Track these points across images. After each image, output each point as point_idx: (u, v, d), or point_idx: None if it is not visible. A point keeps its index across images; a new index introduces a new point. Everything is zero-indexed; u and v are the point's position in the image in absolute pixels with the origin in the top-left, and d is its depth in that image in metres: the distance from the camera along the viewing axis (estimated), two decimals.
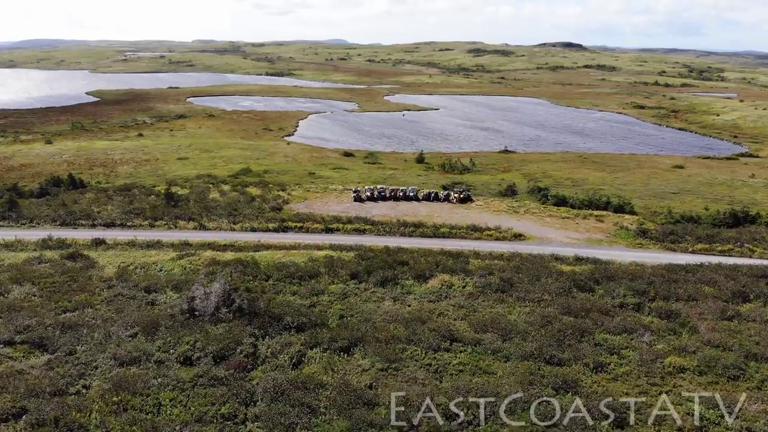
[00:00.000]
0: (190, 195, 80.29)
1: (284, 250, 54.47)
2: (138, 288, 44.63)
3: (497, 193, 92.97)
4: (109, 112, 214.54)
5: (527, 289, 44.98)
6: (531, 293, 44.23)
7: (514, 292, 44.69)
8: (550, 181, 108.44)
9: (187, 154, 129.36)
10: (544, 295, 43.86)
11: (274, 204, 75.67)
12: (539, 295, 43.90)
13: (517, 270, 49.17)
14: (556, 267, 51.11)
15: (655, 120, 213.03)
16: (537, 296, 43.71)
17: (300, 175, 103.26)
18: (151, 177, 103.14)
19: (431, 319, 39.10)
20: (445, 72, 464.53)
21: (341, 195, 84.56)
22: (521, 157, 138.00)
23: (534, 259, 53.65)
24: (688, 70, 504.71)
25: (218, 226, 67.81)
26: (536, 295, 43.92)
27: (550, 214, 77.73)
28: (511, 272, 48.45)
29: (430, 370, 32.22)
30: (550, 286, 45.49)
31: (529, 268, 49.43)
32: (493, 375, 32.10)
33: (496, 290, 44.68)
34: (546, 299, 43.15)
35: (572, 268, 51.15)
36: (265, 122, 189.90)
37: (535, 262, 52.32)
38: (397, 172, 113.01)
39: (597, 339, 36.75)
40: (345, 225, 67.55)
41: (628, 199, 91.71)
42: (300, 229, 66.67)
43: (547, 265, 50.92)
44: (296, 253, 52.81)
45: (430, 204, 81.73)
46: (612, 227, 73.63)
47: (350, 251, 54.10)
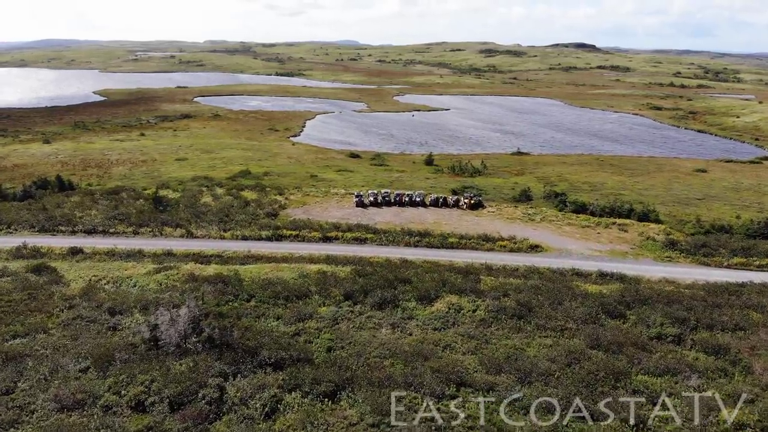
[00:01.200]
0: (181, 199, 74.91)
1: (274, 263, 48.81)
2: (101, 309, 39.13)
3: (510, 198, 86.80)
4: (114, 111, 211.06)
5: (548, 314, 38.92)
6: (552, 320, 38.18)
7: (532, 318, 38.62)
8: (566, 185, 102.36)
9: (187, 154, 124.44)
10: (567, 322, 37.80)
11: (270, 209, 70.07)
12: (562, 322, 37.84)
13: (536, 291, 43.01)
14: (580, 287, 44.91)
15: (672, 122, 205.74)
16: (560, 324, 37.66)
17: (301, 178, 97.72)
18: (145, 179, 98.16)
19: (435, 354, 33.16)
20: (456, 72, 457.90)
21: (343, 199, 78.78)
22: (535, 160, 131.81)
23: (554, 277, 47.53)
24: (704, 71, 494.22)
25: (207, 233, 62.34)
26: (559, 322, 37.87)
27: (569, 223, 71.45)
28: (528, 293, 42.33)
29: (433, 429, 26.11)
30: (575, 311, 39.36)
31: (550, 289, 43.28)
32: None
33: (511, 316, 38.59)
34: (570, 328, 37.08)
35: (598, 288, 44.94)
36: (271, 122, 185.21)
37: (556, 281, 46.18)
38: (404, 174, 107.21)
39: (634, 383, 30.53)
40: (344, 233, 61.76)
41: (651, 205, 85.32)
42: (295, 238, 60.98)
43: (569, 285, 44.73)
44: (286, 268, 47.09)
45: (437, 210, 75.72)
46: (637, 237, 67.27)
47: (347, 265, 48.33)
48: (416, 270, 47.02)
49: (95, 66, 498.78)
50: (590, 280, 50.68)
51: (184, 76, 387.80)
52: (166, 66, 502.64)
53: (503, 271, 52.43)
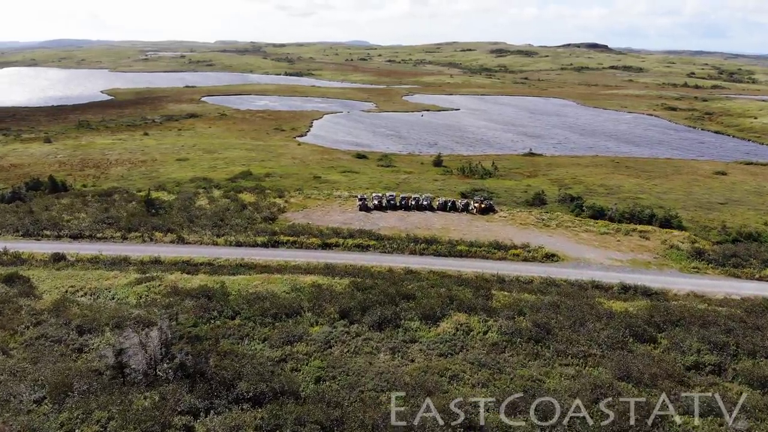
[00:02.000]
0: (175, 202, 71.10)
1: (265, 274, 44.71)
2: (70, 327, 35.23)
3: (523, 202, 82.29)
4: (120, 111, 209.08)
5: (569, 337, 34.44)
6: (574, 344, 33.70)
7: (551, 342, 34.13)
8: (581, 188, 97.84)
9: (189, 154, 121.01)
10: (591, 347, 33.32)
11: (268, 213, 66.03)
12: (585, 347, 33.35)
13: (555, 309, 38.51)
14: (604, 304, 40.36)
15: (688, 122, 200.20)
16: (582, 349, 33.15)
17: (304, 179, 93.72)
18: (143, 180, 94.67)
19: (440, 388, 28.73)
20: (467, 72, 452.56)
21: (346, 203, 74.62)
22: (548, 161, 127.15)
23: (573, 292, 43.08)
24: (718, 72, 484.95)
25: (199, 239, 58.43)
26: (581, 347, 33.38)
27: (587, 229, 66.80)
28: (546, 312, 37.84)
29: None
30: (599, 333, 34.87)
31: (570, 307, 38.74)
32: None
33: (528, 339, 34.12)
34: (594, 354, 32.60)
35: (624, 306, 40.39)
36: (278, 122, 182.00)
37: (576, 297, 41.65)
38: (411, 176, 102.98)
39: (673, 426, 25.99)
40: (345, 240, 57.59)
41: (672, 209, 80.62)
42: (293, 245, 56.90)
43: (591, 302, 40.14)
44: (278, 279, 42.99)
45: (446, 215, 71.31)
46: (660, 246, 62.55)
47: (345, 277, 44.10)
48: (421, 283, 42.68)
49: (105, 66, 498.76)
50: (612, 294, 46.22)
51: (194, 76, 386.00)
52: (176, 66, 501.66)
53: (516, 284, 48.06)
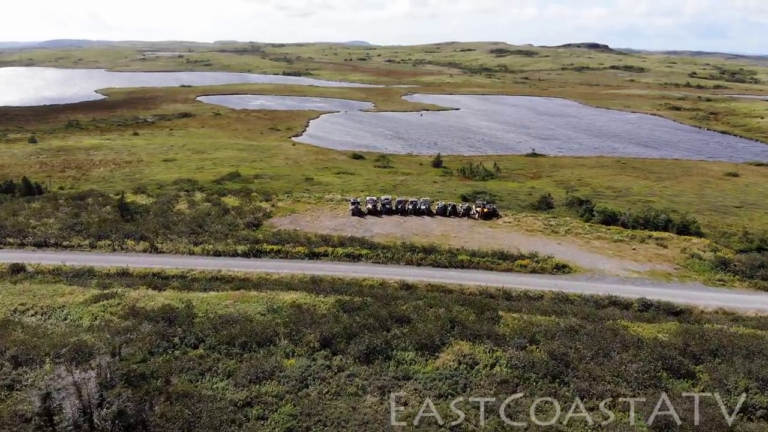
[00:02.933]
0: (153, 206, 65.75)
1: (241, 291, 39.40)
2: (5, 357, 29.88)
3: (528, 206, 76.99)
4: (112, 110, 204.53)
5: (592, 372, 29.05)
6: (599, 382, 28.28)
7: (571, 379, 28.73)
8: (587, 191, 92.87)
9: (177, 155, 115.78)
10: (619, 385, 27.95)
11: (252, 219, 60.65)
12: (612, 385, 27.95)
13: (572, 335, 33.14)
14: (629, 329, 34.99)
15: (693, 122, 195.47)
16: (609, 388, 27.72)
17: (295, 181, 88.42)
18: (125, 181, 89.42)
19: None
20: (467, 72, 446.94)
21: (338, 207, 69.25)
22: (551, 162, 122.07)
23: (590, 311, 37.80)
24: (720, 72, 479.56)
25: (174, 247, 53.10)
26: (607, 385, 27.96)
27: (599, 236, 61.44)
28: (563, 339, 32.43)
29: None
30: (627, 367, 29.50)
31: (590, 333, 33.32)
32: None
33: (543, 375, 28.69)
34: (624, 395, 27.25)
35: (652, 332, 35.05)
36: (273, 122, 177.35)
37: (596, 320, 36.30)
38: (409, 177, 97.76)
39: None
40: (335, 249, 52.25)
41: (686, 213, 75.58)
42: (277, 254, 51.58)
43: (615, 328, 34.75)
44: (253, 298, 37.68)
45: (445, 220, 65.91)
46: (679, 255, 57.24)
47: (331, 294, 38.76)
48: (417, 302, 37.29)
49: (103, 65, 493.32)
50: (634, 314, 40.93)
51: (191, 76, 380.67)
52: (174, 66, 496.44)
53: (525, 300, 42.80)
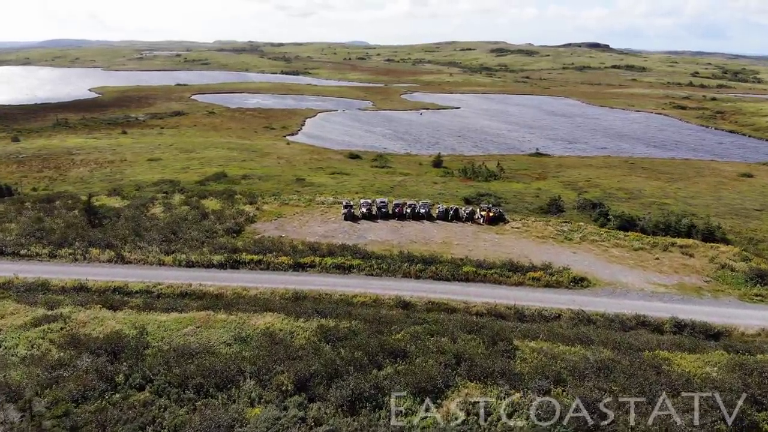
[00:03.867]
0: (126, 209, 59.76)
1: (208, 313, 33.48)
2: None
3: (536, 210, 71.14)
4: (105, 108, 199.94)
5: (637, 427, 22.96)
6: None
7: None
8: (598, 192, 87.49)
9: (163, 154, 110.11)
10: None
11: (232, 224, 54.69)
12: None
13: (606, 372, 27.03)
14: (672, 363, 28.99)
15: (700, 122, 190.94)
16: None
17: (285, 182, 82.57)
18: (103, 182, 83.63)
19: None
20: (467, 71, 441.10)
21: (329, 210, 63.26)
22: (557, 162, 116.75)
23: (623, 342, 31.75)
24: (722, 72, 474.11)
25: (143, 257, 47.20)
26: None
27: (616, 243, 55.47)
28: (596, 380, 26.25)
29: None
30: (681, 417, 23.49)
31: (627, 371, 27.03)
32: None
33: (575, 430, 22.71)
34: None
35: (697, 364, 29.12)
36: (268, 120, 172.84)
37: (629, 349, 30.31)
38: (408, 178, 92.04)
39: None
40: (323, 259, 46.33)
41: (708, 218, 69.91)
42: (257, 265, 45.66)
43: (655, 362, 28.72)
44: (220, 322, 31.81)
45: (447, 225, 59.86)
46: (708, 265, 51.35)
47: (313, 317, 32.80)
48: (415, 328, 31.23)
49: (99, 65, 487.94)
50: (668, 337, 35.10)
51: (188, 75, 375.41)
52: (171, 65, 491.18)
53: (541, 320, 37.00)
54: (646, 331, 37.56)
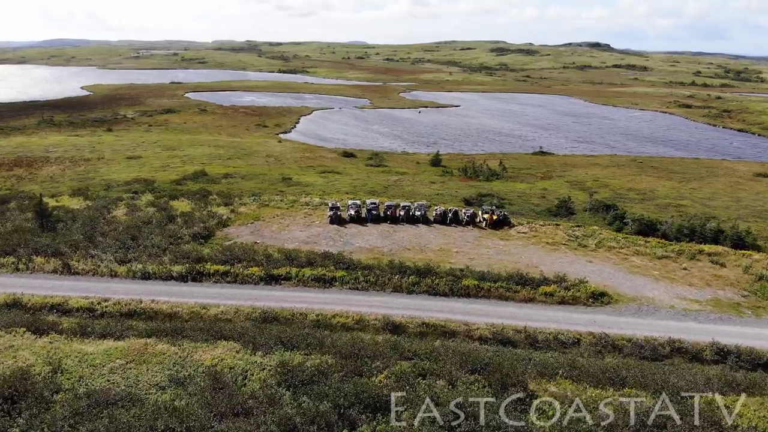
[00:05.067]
0: (85, 212, 53.26)
1: (144, 343, 26.99)
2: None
3: (544, 212, 64.75)
4: (94, 106, 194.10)
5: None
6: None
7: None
8: (608, 193, 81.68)
9: (144, 152, 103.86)
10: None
11: (201, 228, 48.17)
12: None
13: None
14: (731, 410, 22.75)
15: (707, 120, 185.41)
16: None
17: (270, 181, 76.18)
18: (72, 182, 77.24)
19: None
20: (467, 71, 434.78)
21: (314, 213, 56.73)
22: (562, 160, 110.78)
23: (663, 381, 25.39)
24: (724, 71, 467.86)
25: (94, 266, 40.75)
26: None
27: (637, 251, 48.98)
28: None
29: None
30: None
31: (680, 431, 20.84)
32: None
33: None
34: None
35: (762, 413, 22.83)
36: (261, 118, 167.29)
37: (674, 394, 23.90)
38: (404, 177, 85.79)
39: None
40: (302, 269, 39.85)
41: (734, 220, 63.79)
42: (223, 277, 39.18)
43: (714, 416, 22.37)
44: (158, 356, 25.33)
45: (445, 230, 53.38)
46: (743, 277, 44.91)
47: (275, 349, 26.13)
48: (401, 366, 24.51)
49: (95, 63, 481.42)
50: (707, 366, 28.77)
51: (184, 74, 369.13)
52: (168, 63, 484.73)
53: (556, 346, 30.63)
54: (682, 359, 31.27)
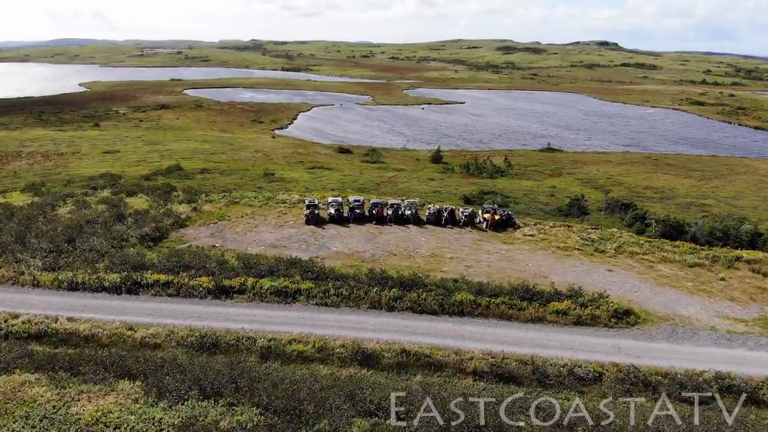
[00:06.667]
0: (25, 209, 46.46)
1: (24, 378, 19.98)
2: None
3: (554, 211, 57.51)
4: (87, 103, 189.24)
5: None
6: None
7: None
8: (623, 191, 74.95)
9: (124, 146, 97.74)
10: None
11: (151, 228, 41.13)
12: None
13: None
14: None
15: (721, 117, 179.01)
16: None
17: (251, 177, 69.36)
18: (35, 176, 70.85)
19: None
20: (472, 69, 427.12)
21: (290, 211, 49.60)
22: (571, 157, 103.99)
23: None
24: (735, 70, 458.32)
25: (14, 274, 33.90)
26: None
27: (664, 257, 41.56)
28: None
29: None
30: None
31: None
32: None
33: None
34: None
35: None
36: (257, 114, 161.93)
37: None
38: (400, 174, 78.95)
39: None
40: (260, 280, 32.86)
41: (760, 222, 56.74)
42: (165, 288, 32.20)
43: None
44: (28, 403, 17.96)
45: (440, 231, 46.12)
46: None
47: (184, 399, 18.87)
48: (361, 425, 17.59)
49: (98, 61, 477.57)
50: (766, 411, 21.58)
51: (187, 71, 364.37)
52: (171, 62, 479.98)
53: (572, 382, 23.51)
54: (732, 398, 24.06)
